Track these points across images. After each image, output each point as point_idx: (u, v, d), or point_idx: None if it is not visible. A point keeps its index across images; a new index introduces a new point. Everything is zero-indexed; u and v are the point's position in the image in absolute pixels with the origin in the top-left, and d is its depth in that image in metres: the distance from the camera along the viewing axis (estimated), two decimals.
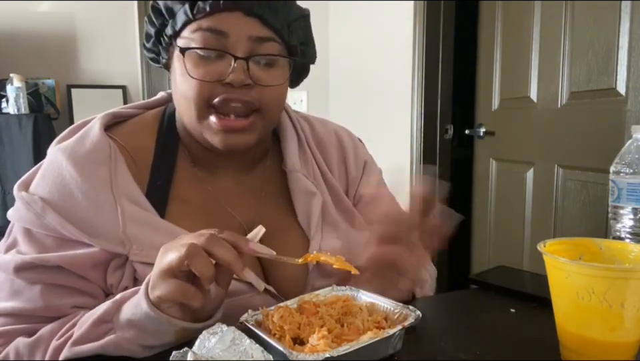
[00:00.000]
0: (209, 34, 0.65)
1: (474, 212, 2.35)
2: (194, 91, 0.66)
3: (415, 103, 2.36)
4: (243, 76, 0.65)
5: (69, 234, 0.63)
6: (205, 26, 0.66)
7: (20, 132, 2.46)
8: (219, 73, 0.65)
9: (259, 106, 0.68)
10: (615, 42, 1.53)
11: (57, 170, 0.67)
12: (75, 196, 0.64)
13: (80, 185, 0.65)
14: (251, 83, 0.66)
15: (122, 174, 0.68)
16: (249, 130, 0.68)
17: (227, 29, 0.65)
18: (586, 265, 0.50)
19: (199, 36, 0.66)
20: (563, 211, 1.80)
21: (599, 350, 0.50)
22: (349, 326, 0.55)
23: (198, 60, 0.66)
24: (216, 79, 0.65)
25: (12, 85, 2.51)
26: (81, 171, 0.66)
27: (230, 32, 0.65)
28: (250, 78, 0.66)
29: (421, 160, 2.36)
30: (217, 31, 0.65)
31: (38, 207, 0.63)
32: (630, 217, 0.72)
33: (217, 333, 0.50)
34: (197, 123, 0.68)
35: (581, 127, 1.71)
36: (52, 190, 0.65)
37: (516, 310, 0.70)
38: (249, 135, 0.69)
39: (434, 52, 2.33)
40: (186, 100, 0.67)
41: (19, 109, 2.51)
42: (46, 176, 0.67)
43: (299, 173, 0.78)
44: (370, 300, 0.62)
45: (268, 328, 0.55)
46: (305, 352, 0.49)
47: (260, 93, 0.67)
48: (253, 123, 0.68)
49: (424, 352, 0.56)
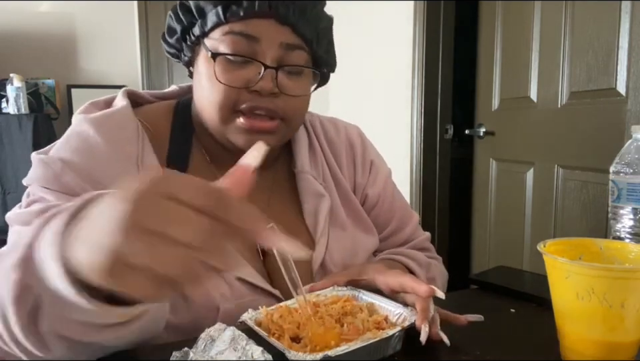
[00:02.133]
0: (240, 38, 0.65)
1: (474, 212, 2.35)
2: (221, 96, 0.65)
3: (414, 103, 2.36)
4: (271, 85, 0.65)
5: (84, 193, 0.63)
6: (236, 30, 0.65)
7: (20, 132, 2.46)
8: (247, 80, 0.65)
9: (282, 115, 0.68)
10: (615, 42, 1.53)
11: (84, 138, 0.66)
12: (98, 159, 0.64)
13: (106, 153, 0.65)
14: (277, 92, 0.66)
15: (148, 154, 0.68)
16: (274, 132, 0.68)
17: (259, 35, 0.65)
18: (586, 265, 0.50)
19: (229, 40, 0.65)
20: (563, 211, 1.80)
21: (599, 350, 0.50)
22: (349, 326, 0.55)
23: (226, 64, 0.66)
24: (243, 86, 0.65)
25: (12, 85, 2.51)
26: (110, 142, 0.66)
27: (262, 38, 0.65)
28: (277, 87, 0.65)
29: (421, 160, 2.36)
30: (249, 36, 0.65)
31: (57, 166, 0.63)
32: (630, 217, 0.72)
33: (217, 333, 0.50)
34: (220, 125, 0.68)
35: (580, 127, 1.71)
36: (74, 153, 0.65)
37: (516, 310, 0.70)
38: (272, 138, 0.69)
39: (434, 52, 2.33)
40: (211, 103, 0.67)
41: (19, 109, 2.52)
42: (70, 140, 0.67)
43: (308, 175, 0.78)
44: (371, 300, 0.62)
45: (268, 327, 0.55)
46: (303, 349, 0.49)
47: (285, 102, 0.67)
48: (277, 127, 0.68)
49: (424, 352, 0.56)
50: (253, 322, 0.56)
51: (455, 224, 2.51)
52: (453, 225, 2.50)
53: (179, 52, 0.74)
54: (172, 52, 0.75)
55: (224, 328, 0.51)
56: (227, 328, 0.51)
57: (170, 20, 0.71)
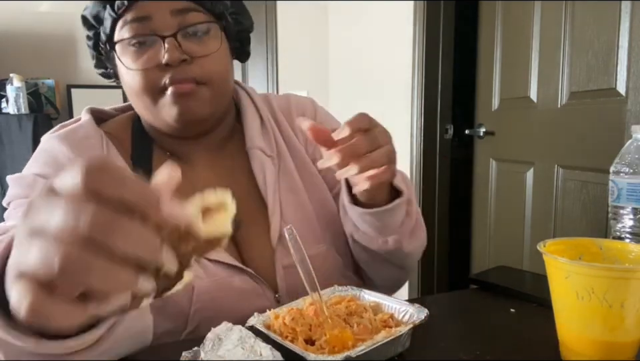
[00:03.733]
0: (135, 24, 0.68)
1: (474, 212, 2.35)
2: (140, 82, 0.68)
3: (414, 103, 2.36)
4: (178, 53, 0.67)
5: None
6: (129, 18, 0.68)
7: (20, 132, 2.46)
8: (155, 58, 0.67)
9: (202, 79, 0.69)
10: (615, 42, 1.53)
11: (50, 152, 0.70)
12: (67, 167, 0.65)
13: (73, 160, 0.68)
14: (187, 58, 0.67)
15: (113, 156, 0.72)
16: (197, 94, 0.69)
17: (149, 13, 0.67)
18: (586, 265, 0.50)
19: (127, 30, 0.68)
20: (563, 211, 1.80)
21: (599, 350, 0.50)
22: (359, 326, 0.55)
23: (134, 53, 0.68)
24: (154, 64, 0.67)
25: (12, 85, 2.51)
26: (75, 150, 0.69)
27: (152, 15, 0.67)
28: (185, 54, 0.67)
29: (421, 160, 2.36)
30: (140, 18, 0.67)
31: (30, 179, 0.67)
32: (630, 217, 0.72)
33: (224, 333, 0.50)
34: (153, 110, 0.70)
35: (581, 127, 1.71)
36: (44, 166, 0.69)
37: (516, 310, 0.70)
38: (198, 103, 0.70)
39: (434, 52, 2.33)
40: (137, 94, 0.70)
41: (19, 109, 2.52)
42: (38, 157, 0.71)
43: (257, 149, 0.79)
44: (374, 299, 0.62)
45: (279, 330, 0.55)
46: (319, 351, 0.49)
47: (200, 66, 0.69)
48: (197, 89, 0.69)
49: (424, 352, 0.56)
50: (262, 325, 0.55)
51: (454, 224, 2.51)
52: (453, 225, 2.50)
53: (106, 70, 0.77)
54: (101, 73, 0.79)
55: (231, 327, 0.51)
56: (234, 327, 0.51)
57: (87, 46, 0.75)
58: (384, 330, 0.53)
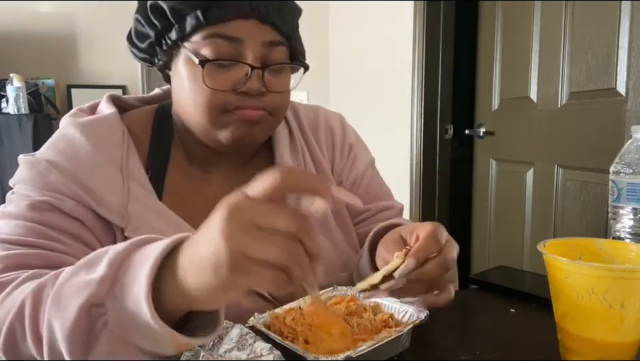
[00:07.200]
0: (222, 41, 0.64)
1: (474, 212, 2.35)
2: (208, 99, 0.65)
3: (414, 103, 2.36)
4: (259, 85, 0.65)
5: (69, 192, 0.63)
6: (219, 32, 0.64)
7: (20, 132, 2.46)
8: (234, 82, 0.65)
9: (272, 110, 0.69)
10: (615, 42, 1.53)
11: (70, 140, 0.68)
12: (84, 163, 0.65)
13: (91, 155, 0.66)
14: (265, 91, 0.66)
15: (132, 158, 0.70)
16: (260, 122, 0.69)
17: (242, 36, 0.65)
18: (586, 265, 0.50)
19: (212, 43, 0.65)
20: (563, 211, 1.80)
21: (599, 349, 0.50)
22: (359, 326, 0.55)
23: (212, 67, 0.65)
24: (231, 88, 0.65)
25: (12, 85, 2.51)
26: (95, 145, 0.67)
27: (245, 39, 0.65)
28: (264, 86, 0.66)
29: (420, 160, 2.36)
30: (232, 38, 0.65)
31: (42, 166, 0.64)
32: (630, 217, 0.72)
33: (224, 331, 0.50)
34: (208, 127, 0.68)
35: (580, 127, 1.71)
36: (60, 155, 0.66)
37: (516, 310, 0.70)
38: (260, 130, 0.69)
39: (434, 52, 2.33)
40: (198, 106, 0.66)
41: (19, 109, 2.52)
42: (56, 143, 0.68)
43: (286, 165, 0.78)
44: (374, 299, 0.62)
45: (279, 330, 0.55)
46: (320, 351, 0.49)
47: (271, 98, 0.68)
48: (263, 116, 0.68)
49: (424, 352, 0.56)
50: (262, 325, 0.55)
51: (455, 224, 2.51)
52: (453, 225, 2.50)
53: (151, 57, 0.73)
54: (142, 57, 0.74)
55: (231, 326, 0.51)
56: (234, 325, 0.51)
57: (138, 25, 0.70)
58: (384, 330, 0.53)
